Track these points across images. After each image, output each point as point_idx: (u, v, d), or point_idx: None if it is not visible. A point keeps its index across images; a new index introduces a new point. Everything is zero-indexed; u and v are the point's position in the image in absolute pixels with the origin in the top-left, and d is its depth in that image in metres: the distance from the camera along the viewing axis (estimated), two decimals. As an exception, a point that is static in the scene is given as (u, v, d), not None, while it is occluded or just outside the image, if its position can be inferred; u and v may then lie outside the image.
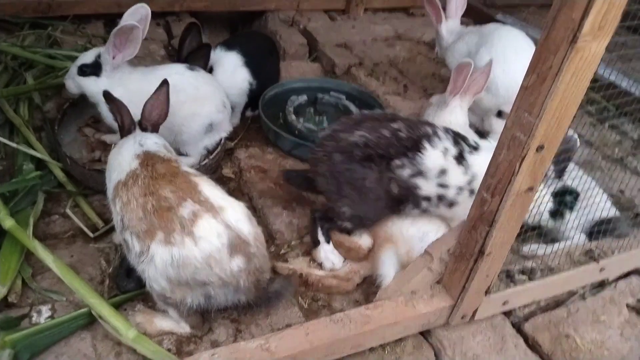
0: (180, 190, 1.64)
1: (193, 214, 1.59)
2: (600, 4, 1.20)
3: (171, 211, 1.59)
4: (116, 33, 2.13)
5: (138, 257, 1.63)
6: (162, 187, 1.64)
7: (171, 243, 1.57)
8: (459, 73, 2.43)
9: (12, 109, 2.52)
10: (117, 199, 1.69)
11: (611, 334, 2.02)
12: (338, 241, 2.13)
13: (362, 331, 1.72)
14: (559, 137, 1.44)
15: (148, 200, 1.62)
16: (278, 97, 2.97)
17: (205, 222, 1.59)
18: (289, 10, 4.11)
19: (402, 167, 1.95)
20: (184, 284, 1.61)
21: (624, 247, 2.16)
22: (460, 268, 1.76)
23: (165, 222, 1.58)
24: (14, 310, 1.78)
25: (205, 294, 1.65)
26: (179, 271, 1.58)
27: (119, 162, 1.78)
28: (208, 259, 1.57)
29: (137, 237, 1.62)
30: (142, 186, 1.65)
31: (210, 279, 1.60)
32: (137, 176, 1.68)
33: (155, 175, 1.68)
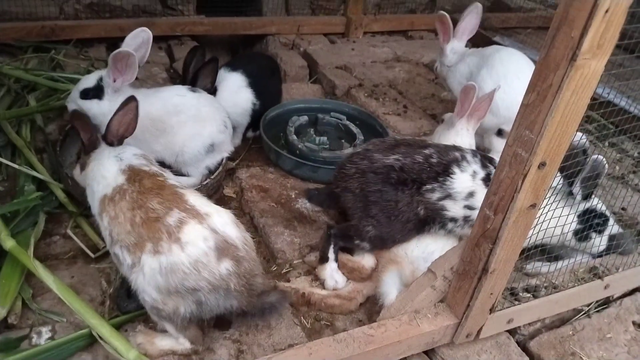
0: (167, 201, 1.67)
1: (179, 221, 1.62)
2: (599, 22, 1.22)
3: (158, 221, 1.62)
4: (114, 58, 2.16)
5: (130, 269, 1.65)
6: (150, 200, 1.67)
7: (159, 252, 1.59)
8: (465, 95, 2.45)
9: (14, 131, 2.53)
10: (104, 213, 1.72)
11: (618, 352, 2.00)
12: (341, 262, 2.12)
13: (366, 351, 1.70)
14: (561, 153, 1.45)
15: (136, 213, 1.65)
16: (279, 117, 3.00)
17: (191, 228, 1.61)
18: (289, 33, 4.17)
19: (432, 191, 2.01)
20: (174, 292, 1.61)
21: (629, 264, 2.15)
22: (464, 286, 1.75)
23: (152, 232, 1.61)
24: (14, 332, 1.76)
25: (197, 301, 1.64)
26: (167, 278, 1.58)
27: (102, 176, 1.81)
28: (195, 263, 1.58)
29: (127, 250, 1.64)
30: (130, 201, 1.68)
31: (200, 283, 1.60)
32: (124, 191, 1.72)
33: (143, 190, 1.71)
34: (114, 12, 3.84)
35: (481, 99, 2.49)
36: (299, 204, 2.51)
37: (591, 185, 2.03)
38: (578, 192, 2.04)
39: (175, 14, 4.02)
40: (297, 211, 2.47)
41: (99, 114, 2.27)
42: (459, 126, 2.51)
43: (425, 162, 2.02)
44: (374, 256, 2.10)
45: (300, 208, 2.49)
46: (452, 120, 2.54)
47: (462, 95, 2.46)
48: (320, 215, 2.47)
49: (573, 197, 2.06)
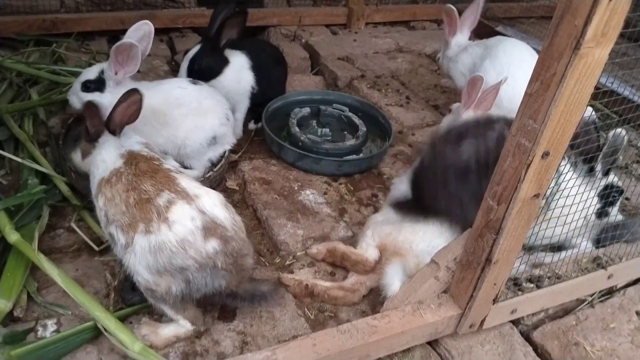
0: (159, 183, 1.72)
1: (168, 202, 1.67)
2: (603, 10, 1.20)
3: (149, 202, 1.67)
4: (116, 50, 2.15)
5: (124, 249, 1.69)
6: (144, 182, 1.72)
7: (150, 232, 1.64)
8: (472, 86, 2.44)
9: (17, 125, 2.53)
10: (100, 194, 1.77)
11: (621, 342, 2.00)
12: (345, 254, 2.12)
13: (370, 341, 1.71)
14: (565, 143, 1.44)
15: (130, 195, 1.70)
16: (281, 109, 2.99)
17: (179, 208, 1.66)
18: (290, 25, 4.16)
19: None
20: (163, 272, 1.64)
21: (632, 253, 2.14)
22: (467, 277, 1.75)
23: (144, 213, 1.66)
24: (19, 325, 1.77)
25: (185, 279, 1.67)
26: (156, 257, 1.63)
27: (102, 160, 1.85)
28: (182, 242, 1.62)
29: (121, 230, 1.69)
30: (125, 182, 1.74)
31: (187, 262, 1.63)
32: (120, 174, 1.76)
33: (138, 173, 1.76)
34: (115, 5, 3.84)
35: (488, 90, 2.47)
36: (302, 196, 2.52)
37: (612, 160, 2.02)
38: (599, 169, 2.03)
39: (176, 6, 4.01)
40: (300, 203, 2.47)
41: (100, 107, 2.26)
42: (466, 117, 2.50)
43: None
44: (377, 249, 2.09)
45: (303, 200, 2.49)
46: (459, 111, 2.53)
47: (470, 86, 2.45)
48: (322, 207, 2.47)
49: (594, 175, 2.05)
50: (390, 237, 2.07)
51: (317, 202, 2.50)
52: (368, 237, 2.12)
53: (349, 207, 2.53)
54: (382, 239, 2.09)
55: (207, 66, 2.62)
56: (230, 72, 2.69)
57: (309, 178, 2.66)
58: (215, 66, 2.65)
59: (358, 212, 2.51)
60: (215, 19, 2.62)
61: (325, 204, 2.49)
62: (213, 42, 2.61)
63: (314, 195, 2.53)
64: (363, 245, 2.12)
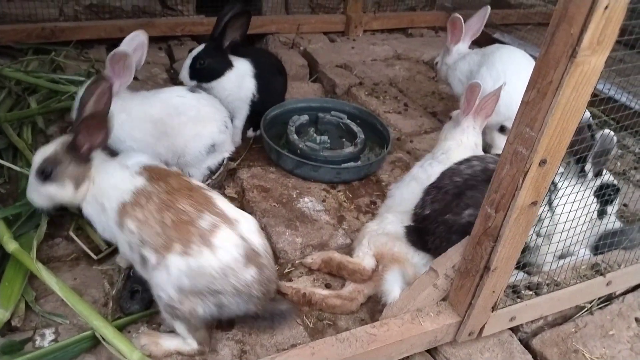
0: (198, 204, 1.68)
1: (212, 225, 1.64)
2: (598, 19, 1.21)
3: (190, 224, 1.63)
4: (111, 59, 2.16)
5: (153, 269, 1.66)
6: (180, 201, 1.67)
7: (188, 254, 1.61)
8: (470, 93, 2.45)
9: (15, 133, 2.53)
10: (130, 219, 1.69)
11: (621, 349, 2.00)
12: (341, 264, 2.11)
13: (368, 350, 1.70)
14: (562, 150, 1.45)
15: (166, 215, 1.65)
16: (280, 117, 3.00)
17: (224, 233, 1.64)
18: (289, 32, 4.17)
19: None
20: (195, 294, 1.63)
21: (631, 260, 2.14)
22: (466, 284, 1.75)
23: (183, 234, 1.62)
24: (17, 334, 1.77)
25: (218, 303, 1.66)
26: (194, 280, 1.61)
27: (113, 186, 1.77)
28: (225, 268, 1.62)
29: (154, 252, 1.65)
30: (158, 202, 1.68)
31: (225, 288, 1.63)
32: (149, 193, 1.70)
33: (171, 190, 1.70)
34: (114, 13, 3.85)
35: (487, 96, 2.48)
36: (301, 204, 2.52)
37: (602, 161, 2.02)
38: (590, 169, 2.03)
39: (175, 14, 4.03)
40: (299, 211, 2.47)
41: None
42: (465, 124, 2.50)
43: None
44: (374, 257, 2.09)
45: (301, 208, 2.49)
46: (458, 118, 2.53)
47: (468, 93, 2.46)
48: (321, 214, 2.47)
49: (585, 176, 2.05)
50: (387, 246, 2.08)
51: (316, 209, 2.50)
52: (364, 245, 2.12)
53: (348, 214, 2.53)
54: (378, 248, 2.09)
55: (209, 66, 2.62)
56: (233, 77, 2.70)
57: (308, 185, 2.66)
58: (218, 67, 2.66)
59: (357, 219, 2.51)
60: (220, 21, 2.64)
61: (324, 212, 2.49)
62: (216, 43, 2.63)
63: (312, 203, 2.53)
64: (359, 254, 2.11)
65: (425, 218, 2.05)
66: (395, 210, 2.28)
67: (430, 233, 2.02)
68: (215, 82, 2.66)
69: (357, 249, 2.15)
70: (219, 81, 2.66)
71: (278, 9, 4.39)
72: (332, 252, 2.17)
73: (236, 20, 2.58)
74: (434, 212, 2.03)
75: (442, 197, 2.02)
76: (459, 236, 1.87)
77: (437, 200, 2.03)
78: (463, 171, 2.03)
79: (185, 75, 2.62)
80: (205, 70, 2.62)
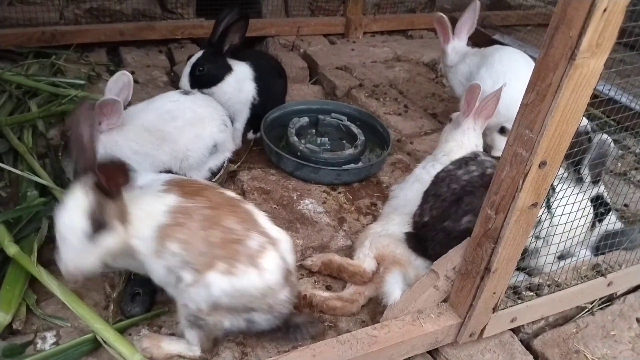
0: (245, 222, 1.62)
1: (260, 247, 1.60)
2: (597, 21, 1.22)
3: (239, 243, 1.58)
4: (100, 105, 2.19)
5: (187, 286, 1.58)
6: (225, 217, 1.59)
7: (232, 273, 1.56)
8: (470, 94, 2.45)
9: (16, 137, 2.54)
10: (170, 240, 1.57)
11: (622, 349, 2.00)
12: (342, 266, 2.11)
13: (369, 352, 1.71)
14: (561, 152, 1.45)
15: (211, 233, 1.56)
16: (280, 119, 3.00)
17: (271, 255, 1.62)
18: (289, 35, 4.18)
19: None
20: (228, 310, 1.61)
21: (632, 260, 2.14)
22: (466, 286, 1.75)
23: (230, 252, 1.56)
24: (18, 338, 1.77)
25: (249, 319, 1.65)
26: (233, 299, 1.58)
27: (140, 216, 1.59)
28: (266, 289, 1.60)
29: (194, 271, 1.57)
30: (201, 219, 1.57)
31: (262, 307, 1.62)
32: (188, 210, 1.59)
33: (215, 205, 1.61)
34: (114, 17, 3.86)
35: (487, 97, 2.48)
36: (301, 206, 2.52)
37: (599, 167, 2.01)
38: (587, 175, 2.02)
39: (175, 18, 4.03)
40: (299, 213, 2.48)
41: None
42: (466, 126, 2.50)
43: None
44: (375, 259, 2.09)
45: (302, 210, 2.50)
46: (459, 119, 2.53)
47: (468, 94, 2.46)
48: (322, 216, 2.47)
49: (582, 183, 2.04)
50: (388, 248, 2.08)
51: (316, 211, 2.50)
52: (366, 247, 2.12)
53: (348, 216, 2.53)
54: (380, 250, 2.09)
55: (209, 72, 2.63)
56: (233, 81, 2.71)
57: (308, 187, 2.66)
58: (217, 72, 2.66)
59: (357, 221, 2.51)
60: (219, 25, 2.65)
61: (324, 213, 2.50)
62: (215, 48, 2.63)
63: (313, 205, 2.54)
64: (360, 256, 2.12)
65: (424, 225, 2.06)
66: (401, 213, 2.29)
67: (430, 240, 2.02)
68: (216, 87, 2.66)
69: (358, 250, 2.15)
70: (219, 86, 2.67)
71: (278, 11, 4.40)
72: (332, 255, 2.17)
73: (235, 24, 2.59)
74: (432, 220, 2.03)
75: (440, 205, 2.02)
76: (458, 243, 1.88)
77: (436, 207, 2.03)
78: (461, 177, 2.03)
79: (186, 82, 2.63)
80: (205, 76, 2.62)
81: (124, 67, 3.56)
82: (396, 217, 2.26)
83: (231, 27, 2.58)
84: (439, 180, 2.10)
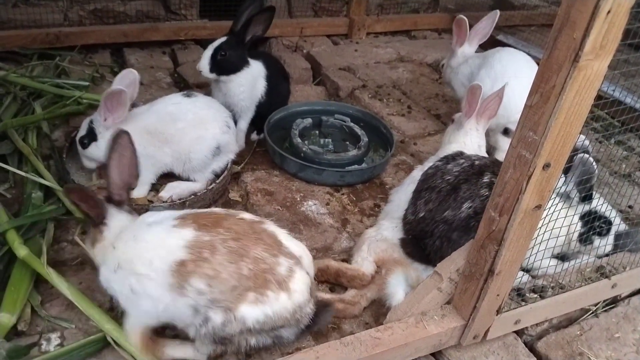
0: (270, 247, 1.58)
1: (289, 270, 1.59)
2: (601, 23, 1.21)
3: (269, 271, 1.55)
4: (106, 97, 2.20)
5: (220, 326, 1.53)
6: (253, 247, 1.55)
7: (262, 302, 1.53)
8: (471, 95, 2.44)
9: (21, 138, 2.55)
10: (195, 277, 1.50)
11: (626, 352, 1.99)
12: (340, 270, 2.10)
13: (373, 354, 1.70)
14: (565, 154, 1.45)
15: (242, 265, 1.51)
16: (283, 120, 3.00)
17: (300, 276, 1.61)
18: (292, 36, 4.18)
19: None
20: (258, 332, 1.59)
21: (636, 262, 2.14)
22: (470, 288, 1.75)
23: (260, 282, 1.53)
24: (23, 339, 1.78)
25: (277, 336, 1.64)
26: (264, 325, 1.57)
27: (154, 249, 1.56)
28: (297, 308, 1.61)
29: (223, 310, 1.52)
30: (228, 252, 1.51)
31: (290, 322, 1.62)
32: (211, 243, 1.52)
33: (238, 236, 1.55)
34: (118, 18, 3.86)
35: (489, 97, 2.47)
36: (304, 207, 2.52)
37: (586, 186, 2.01)
38: (575, 194, 2.04)
39: (178, 19, 4.03)
40: (303, 214, 2.48)
41: (99, 155, 2.34)
42: (468, 126, 2.50)
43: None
44: (375, 263, 2.09)
45: (305, 211, 2.50)
46: (461, 120, 2.53)
47: (469, 95, 2.46)
48: (325, 217, 2.47)
49: (570, 200, 2.05)
50: (387, 252, 2.08)
51: (320, 212, 2.50)
52: (364, 251, 2.12)
53: (352, 217, 2.53)
54: (379, 254, 2.09)
55: (230, 58, 2.62)
56: (249, 75, 2.72)
57: (311, 189, 2.67)
58: (237, 61, 2.66)
59: (360, 222, 2.51)
60: (242, 15, 2.65)
61: (328, 215, 2.50)
62: (238, 37, 2.63)
63: (316, 206, 2.54)
64: (358, 259, 2.11)
65: (421, 221, 2.05)
66: (392, 217, 2.28)
67: (429, 236, 2.01)
68: (234, 76, 2.66)
69: (355, 254, 2.15)
70: (238, 75, 2.67)
71: (281, 12, 4.40)
72: (329, 260, 2.16)
73: (260, 15, 2.58)
74: (429, 213, 2.02)
75: (436, 196, 2.02)
76: (460, 232, 1.87)
77: (432, 200, 2.03)
78: (452, 169, 2.05)
79: (205, 65, 2.60)
80: (226, 62, 2.61)
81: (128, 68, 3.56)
82: (386, 222, 2.26)
83: (256, 18, 2.58)
84: (429, 176, 2.11)
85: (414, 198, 2.11)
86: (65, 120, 2.86)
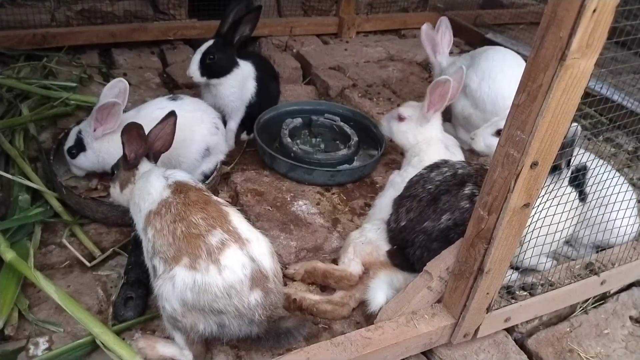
0: (211, 218, 1.66)
1: (221, 243, 1.62)
2: (587, 22, 1.22)
3: (199, 238, 1.62)
4: (98, 109, 2.18)
5: (158, 278, 1.66)
6: (194, 214, 1.67)
7: (195, 269, 1.59)
8: (433, 90, 2.45)
9: (7, 141, 2.52)
10: (150, 227, 1.72)
11: (615, 348, 2.01)
12: (327, 271, 2.10)
13: (364, 353, 1.70)
14: (553, 152, 1.45)
15: (178, 226, 1.65)
16: (273, 120, 3.00)
17: (232, 252, 1.62)
18: (282, 35, 4.17)
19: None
20: (198, 310, 1.61)
21: (624, 259, 2.15)
22: (460, 286, 1.76)
23: (192, 248, 1.61)
24: (10, 344, 1.76)
25: (220, 323, 1.65)
26: (198, 297, 1.59)
27: (148, 192, 1.80)
28: (229, 289, 1.59)
29: (164, 262, 1.65)
30: (174, 213, 1.68)
31: (228, 308, 1.61)
32: (169, 204, 1.71)
33: (188, 202, 1.70)
34: (106, 18, 3.83)
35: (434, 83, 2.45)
36: (295, 207, 2.52)
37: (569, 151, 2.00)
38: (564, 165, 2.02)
39: (167, 19, 4.01)
40: (293, 214, 2.47)
41: (88, 165, 2.37)
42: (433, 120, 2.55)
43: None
44: (361, 262, 2.09)
45: (296, 211, 2.49)
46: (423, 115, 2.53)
47: (431, 89, 2.45)
48: (315, 217, 2.47)
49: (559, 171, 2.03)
50: (372, 256, 2.08)
51: (310, 212, 2.50)
52: (350, 253, 2.11)
53: (342, 217, 2.53)
54: (365, 257, 2.09)
55: (219, 61, 2.62)
56: (240, 76, 2.72)
57: (302, 189, 2.66)
58: (227, 63, 2.66)
59: (351, 222, 2.51)
60: (228, 16, 2.64)
61: (318, 215, 2.49)
62: (226, 38, 2.62)
63: (306, 206, 2.53)
64: (345, 260, 2.11)
65: (402, 230, 2.05)
66: (374, 219, 2.29)
67: (410, 245, 2.01)
68: (224, 78, 2.66)
69: (342, 256, 2.15)
70: (228, 78, 2.67)
71: (271, 11, 4.39)
72: (316, 262, 2.16)
73: (248, 15, 2.58)
74: (410, 222, 2.02)
75: (417, 206, 2.02)
76: (440, 243, 1.88)
77: (412, 209, 2.03)
78: (434, 178, 2.04)
79: (195, 70, 2.60)
80: (215, 65, 2.61)
81: (116, 69, 3.54)
82: (369, 225, 2.26)
83: (243, 18, 2.57)
84: (412, 183, 2.11)
85: (396, 205, 2.11)
86: (52, 122, 2.84)
